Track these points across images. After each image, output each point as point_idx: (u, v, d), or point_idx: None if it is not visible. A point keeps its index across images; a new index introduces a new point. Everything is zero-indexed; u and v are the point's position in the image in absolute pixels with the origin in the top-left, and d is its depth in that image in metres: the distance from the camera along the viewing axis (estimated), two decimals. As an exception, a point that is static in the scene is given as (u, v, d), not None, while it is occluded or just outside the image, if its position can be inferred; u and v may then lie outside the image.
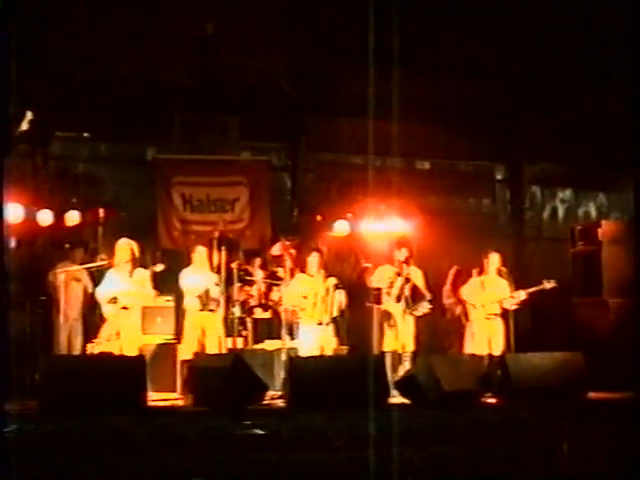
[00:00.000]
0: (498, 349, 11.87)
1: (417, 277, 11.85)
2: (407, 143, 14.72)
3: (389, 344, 11.58)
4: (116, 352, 10.87)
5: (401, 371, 11.31)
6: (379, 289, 11.81)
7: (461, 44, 13.86)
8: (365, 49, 13.77)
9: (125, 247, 11.23)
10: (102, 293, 11.16)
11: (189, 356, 11.34)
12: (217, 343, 11.51)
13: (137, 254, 11.31)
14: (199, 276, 11.69)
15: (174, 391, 11.69)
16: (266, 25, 14.34)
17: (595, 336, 13.12)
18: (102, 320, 11.19)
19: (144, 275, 11.29)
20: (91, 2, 13.28)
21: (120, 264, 11.18)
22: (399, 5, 12.13)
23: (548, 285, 12.10)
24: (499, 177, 16.53)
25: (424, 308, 11.83)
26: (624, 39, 13.33)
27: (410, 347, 11.61)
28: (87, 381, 9.26)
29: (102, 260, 11.74)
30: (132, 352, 10.85)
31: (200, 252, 11.81)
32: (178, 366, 11.72)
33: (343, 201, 14.41)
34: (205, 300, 11.56)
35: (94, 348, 11.44)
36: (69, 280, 12.03)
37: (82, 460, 8.28)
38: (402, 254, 11.83)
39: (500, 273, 12.17)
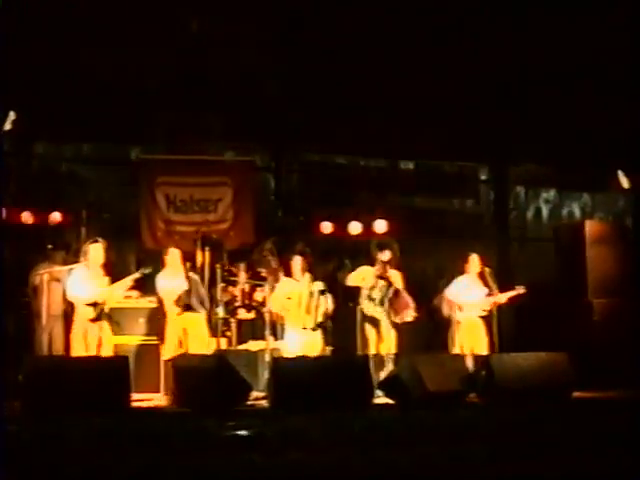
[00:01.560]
0: (482, 349, 11.91)
1: (397, 280, 11.86)
2: (392, 143, 14.75)
3: (372, 347, 11.59)
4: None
5: (384, 372, 11.32)
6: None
7: (445, 43, 13.85)
8: (351, 49, 13.80)
9: (99, 248, 11.17)
10: (79, 294, 11.07)
11: (170, 357, 11.30)
12: (201, 344, 11.47)
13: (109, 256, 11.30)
14: (173, 279, 11.63)
15: (157, 392, 11.67)
16: (252, 24, 14.30)
17: (579, 336, 13.15)
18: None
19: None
20: (74, 2, 13.21)
21: (94, 266, 11.12)
22: (382, 4, 12.16)
23: (521, 290, 12.20)
24: (483, 178, 16.55)
25: (409, 316, 11.85)
26: (609, 38, 13.36)
27: (393, 349, 11.63)
28: (70, 382, 9.24)
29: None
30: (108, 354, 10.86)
31: (173, 254, 11.76)
32: (162, 367, 11.70)
33: (328, 202, 14.40)
34: (185, 301, 11.53)
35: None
36: (50, 281, 11.97)
37: (65, 461, 8.22)
38: (385, 255, 11.84)
39: (482, 274, 12.20)
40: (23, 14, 12.29)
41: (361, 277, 11.85)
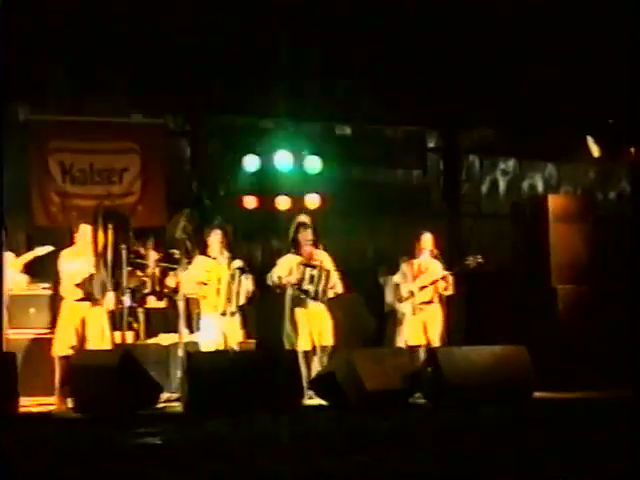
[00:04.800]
0: (436, 340, 12.02)
1: (327, 261, 11.94)
2: (325, 104, 14.75)
3: (303, 341, 11.65)
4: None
5: (317, 368, 11.39)
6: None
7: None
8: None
9: None
10: None
11: (64, 352, 11.26)
12: (100, 338, 11.45)
13: None
14: (81, 259, 11.62)
15: (51, 395, 11.60)
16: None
17: (541, 328, 13.30)
18: None
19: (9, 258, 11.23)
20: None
21: None
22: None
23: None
24: (431, 145, 16.62)
25: (338, 289, 11.94)
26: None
27: (327, 341, 11.69)
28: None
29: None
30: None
31: (85, 232, 11.75)
32: (56, 365, 11.65)
33: (251, 172, 14.38)
34: (88, 288, 11.52)
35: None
36: None
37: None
38: (308, 235, 11.91)
39: (433, 256, 12.32)
40: None
41: (286, 271, 11.90)
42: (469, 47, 14.34)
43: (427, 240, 12.43)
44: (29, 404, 10.75)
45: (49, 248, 11.73)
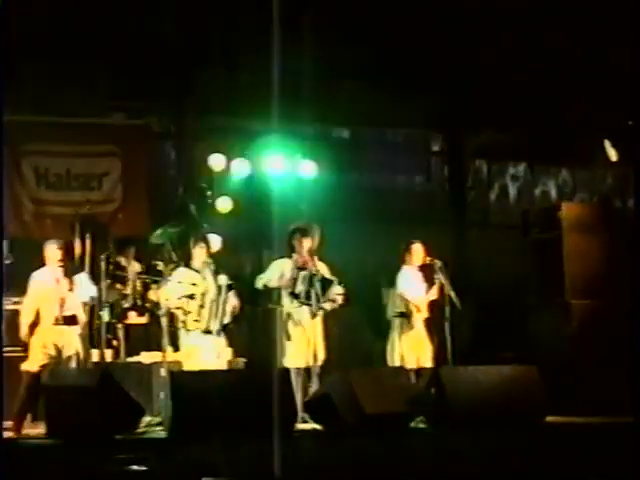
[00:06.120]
0: (427, 361, 12.01)
1: (325, 273, 11.93)
2: (321, 105, 14.76)
3: (295, 356, 11.63)
4: None
5: (311, 389, 11.38)
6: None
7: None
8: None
9: None
10: None
11: (33, 368, 11.25)
12: (74, 358, 11.44)
13: None
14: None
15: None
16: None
17: (553, 346, 13.30)
18: None
19: None
20: None
21: None
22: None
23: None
24: (435, 148, 16.65)
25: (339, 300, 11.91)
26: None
27: (321, 359, 11.68)
28: None
29: None
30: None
31: (51, 249, 11.63)
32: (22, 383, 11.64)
33: (241, 178, 14.39)
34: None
35: None
36: None
37: None
38: (307, 243, 11.90)
39: (430, 267, 12.27)
40: None
41: (277, 274, 11.89)
42: (477, 42, 14.36)
43: (418, 250, 12.39)
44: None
45: (10, 259, 11.69)
